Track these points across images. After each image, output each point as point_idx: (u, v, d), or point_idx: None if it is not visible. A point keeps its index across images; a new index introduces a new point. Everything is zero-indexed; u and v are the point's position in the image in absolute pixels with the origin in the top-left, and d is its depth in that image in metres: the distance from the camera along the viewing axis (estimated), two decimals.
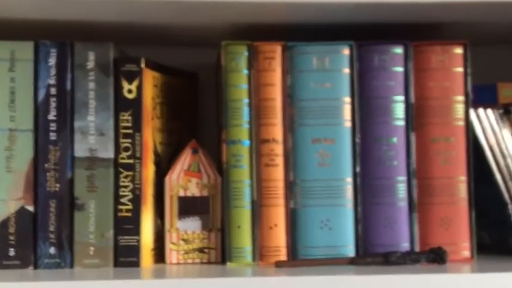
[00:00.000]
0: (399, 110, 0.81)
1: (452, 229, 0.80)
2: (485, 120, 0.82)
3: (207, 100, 0.99)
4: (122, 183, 0.78)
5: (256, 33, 0.88)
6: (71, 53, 0.78)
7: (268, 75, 0.80)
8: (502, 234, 0.85)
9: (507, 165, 0.82)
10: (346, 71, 0.80)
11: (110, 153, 0.78)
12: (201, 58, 0.99)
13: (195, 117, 0.95)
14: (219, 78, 0.82)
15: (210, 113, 0.99)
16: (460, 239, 0.80)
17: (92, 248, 0.77)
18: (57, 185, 0.77)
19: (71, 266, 0.77)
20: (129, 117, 0.78)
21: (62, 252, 0.77)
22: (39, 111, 0.78)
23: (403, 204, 0.80)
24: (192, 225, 0.81)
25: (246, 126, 0.80)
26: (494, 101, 0.88)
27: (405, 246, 0.80)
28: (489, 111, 0.82)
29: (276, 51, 0.80)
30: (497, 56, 1.00)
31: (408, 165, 0.80)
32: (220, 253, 0.81)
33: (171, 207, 0.81)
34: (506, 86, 0.88)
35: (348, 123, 0.80)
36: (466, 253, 0.80)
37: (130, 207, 0.78)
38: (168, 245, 0.80)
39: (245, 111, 0.80)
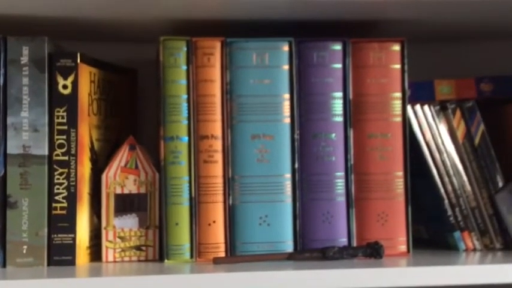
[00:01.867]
0: (337, 106, 0.81)
1: (389, 224, 0.81)
2: (422, 116, 0.84)
3: (147, 96, 0.98)
4: (56, 181, 0.76)
5: (196, 29, 0.87)
6: (4, 48, 0.76)
7: (207, 71, 0.80)
8: (438, 229, 0.87)
9: (443, 161, 0.83)
10: (286, 67, 0.81)
11: (44, 150, 0.76)
12: (141, 54, 0.98)
13: (134, 113, 0.94)
14: (159, 74, 0.81)
15: (150, 109, 0.98)
16: (397, 234, 0.81)
17: (25, 247, 0.75)
18: None
19: (3, 265, 0.75)
20: (64, 114, 0.77)
21: None
22: None
23: (341, 199, 0.80)
24: (129, 223, 0.80)
25: (184, 122, 0.79)
26: (431, 98, 0.89)
27: (343, 241, 0.80)
28: (426, 107, 0.84)
29: (215, 47, 0.80)
30: (434, 53, 1.02)
31: (346, 161, 0.81)
32: (157, 251, 0.80)
33: (107, 204, 0.79)
34: (443, 83, 0.89)
35: (287, 120, 0.80)
36: (403, 247, 0.81)
37: (65, 204, 0.76)
38: (104, 243, 0.79)
39: (184, 107, 0.79)
